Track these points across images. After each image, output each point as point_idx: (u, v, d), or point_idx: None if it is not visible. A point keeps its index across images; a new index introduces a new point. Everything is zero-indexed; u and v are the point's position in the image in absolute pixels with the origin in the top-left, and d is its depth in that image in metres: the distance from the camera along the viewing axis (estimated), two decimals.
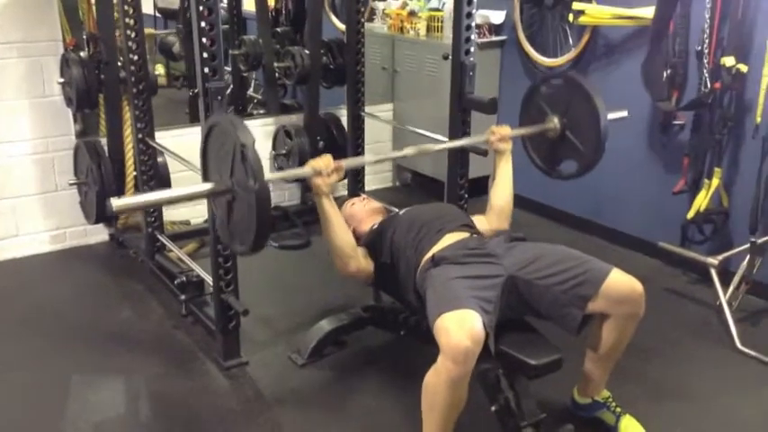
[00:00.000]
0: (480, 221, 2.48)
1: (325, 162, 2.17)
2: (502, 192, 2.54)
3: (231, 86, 4.69)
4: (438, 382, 1.85)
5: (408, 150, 2.50)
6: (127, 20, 2.97)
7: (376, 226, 2.46)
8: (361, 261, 2.32)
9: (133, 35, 2.99)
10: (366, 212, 2.59)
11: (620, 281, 2.03)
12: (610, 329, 2.11)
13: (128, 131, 3.29)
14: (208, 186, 2.00)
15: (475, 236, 2.29)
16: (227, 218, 2.02)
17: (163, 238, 3.20)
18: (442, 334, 1.83)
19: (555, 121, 2.60)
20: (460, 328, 1.81)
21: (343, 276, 2.34)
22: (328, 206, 2.20)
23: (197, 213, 3.69)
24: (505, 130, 2.53)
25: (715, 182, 3.10)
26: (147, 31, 3.45)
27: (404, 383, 2.47)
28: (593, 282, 2.01)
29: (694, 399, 2.48)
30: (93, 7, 3.26)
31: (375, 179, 4.46)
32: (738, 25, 2.95)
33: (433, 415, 1.92)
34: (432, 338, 2.10)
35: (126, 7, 2.96)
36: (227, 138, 1.91)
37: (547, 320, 2.10)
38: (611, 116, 2.57)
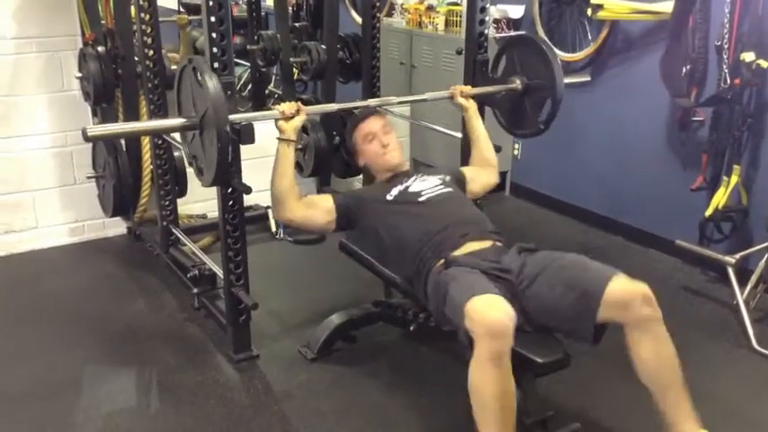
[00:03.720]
0: (473, 172, 2.66)
1: (288, 105, 2.35)
2: (481, 148, 2.71)
3: (251, 83, 4.72)
4: (482, 371, 1.79)
5: (372, 101, 2.84)
6: (142, 14, 2.99)
7: (378, 187, 2.52)
8: (300, 210, 2.38)
9: (149, 30, 3.02)
10: (383, 161, 2.54)
11: (618, 288, 1.95)
12: (635, 341, 1.97)
13: None
14: (178, 121, 2.25)
15: (497, 244, 2.26)
16: (197, 151, 2.26)
17: (177, 232, 3.22)
18: (475, 314, 1.81)
19: (517, 82, 2.73)
20: (493, 306, 1.83)
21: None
22: (284, 151, 2.36)
23: (214, 207, 3.70)
24: (466, 88, 2.74)
25: (734, 179, 3.05)
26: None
27: (412, 379, 2.48)
28: (595, 292, 1.95)
29: (710, 399, 2.42)
30: (111, 2, 3.29)
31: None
32: (759, 20, 2.90)
33: (486, 415, 1.82)
34: (440, 334, 2.10)
35: (142, 2, 2.99)
36: (198, 78, 2.13)
37: (561, 335, 2.06)
38: (569, 80, 2.79)
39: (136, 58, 3.19)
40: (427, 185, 2.43)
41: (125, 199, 3.34)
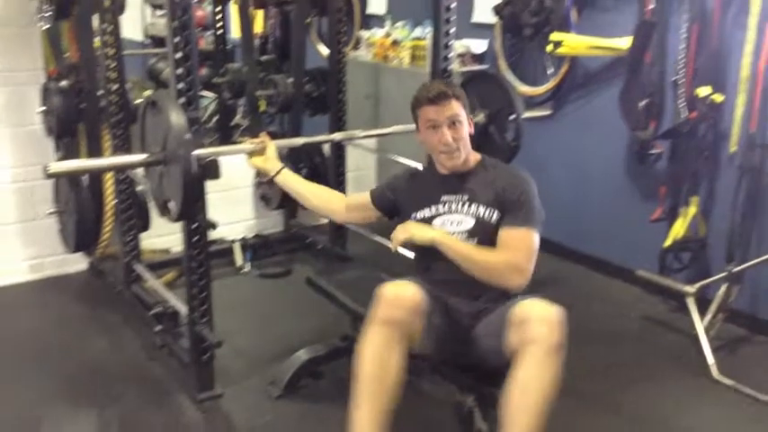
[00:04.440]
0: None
1: (251, 142, 2.39)
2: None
3: (217, 115, 4.72)
4: (366, 334, 1.92)
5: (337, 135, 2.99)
6: (107, 49, 2.98)
7: (417, 188, 2.30)
8: (344, 216, 2.45)
9: (113, 64, 3.01)
10: (439, 158, 2.22)
11: (523, 306, 1.88)
12: (517, 361, 1.82)
13: None
14: (142, 156, 2.23)
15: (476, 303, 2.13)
16: (160, 187, 2.26)
17: (139, 268, 3.18)
18: (381, 291, 1.94)
19: (481, 116, 2.81)
20: (400, 285, 1.96)
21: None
22: (283, 183, 2.37)
23: (177, 242, 3.66)
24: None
25: (692, 210, 3.12)
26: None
27: None
28: (506, 315, 1.93)
29: (668, 428, 2.47)
30: (75, 36, 3.28)
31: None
32: (713, 56, 2.99)
33: (359, 382, 1.93)
34: (414, 370, 2.11)
35: (106, 36, 2.98)
36: (162, 113, 2.14)
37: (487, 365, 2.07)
38: (531, 113, 2.88)
39: (100, 92, 3.17)
40: (450, 229, 2.15)
41: (87, 234, 3.29)
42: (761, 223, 2.99)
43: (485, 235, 2.10)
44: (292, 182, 2.46)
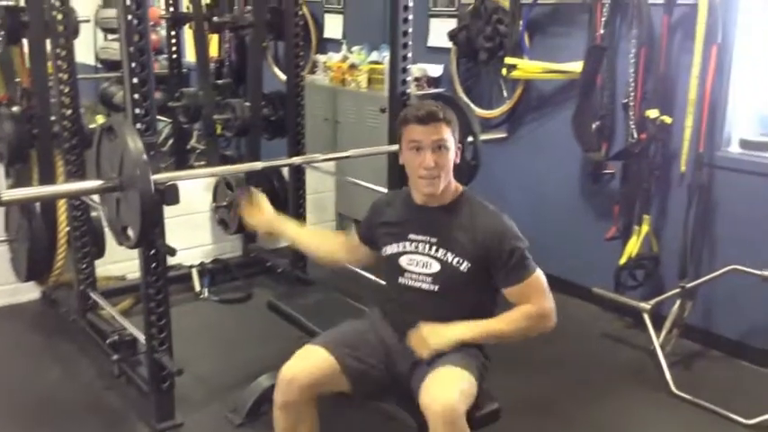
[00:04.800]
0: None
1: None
2: None
3: (172, 138, 4.67)
4: (274, 413, 2.01)
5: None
6: (60, 74, 2.94)
7: (391, 219, 2.16)
8: (347, 259, 2.36)
9: (67, 89, 2.96)
10: (417, 183, 2.05)
11: (430, 389, 1.85)
12: None
13: None
14: (98, 183, 2.22)
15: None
16: (117, 213, 2.24)
17: (95, 296, 3.11)
18: (288, 361, 2.01)
19: None
20: (299, 357, 2.00)
21: None
22: (284, 236, 2.31)
23: (133, 268, 3.60)
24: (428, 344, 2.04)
25: (645, 228, 3.20)
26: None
27: None
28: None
29: None
30: (27, 61, 3.22)
31: (318, 228, 4.44)
32: (661, 79, 3.10)
33: None
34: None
35: (59, 62, 2.93)
36: (118, 139, 2.13)
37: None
38: (486, 136, 2.92)
39: (52, 118, 3.11)
40: (415, 270, 2.05)
41: (39, 262, 3.21)
42: (711, 240, 3.08)
43: (450, 282, 2.01)
44: (294, 238, 2.33)
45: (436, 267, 2.02)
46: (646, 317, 3.04)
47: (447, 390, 1.83)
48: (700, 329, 3.14)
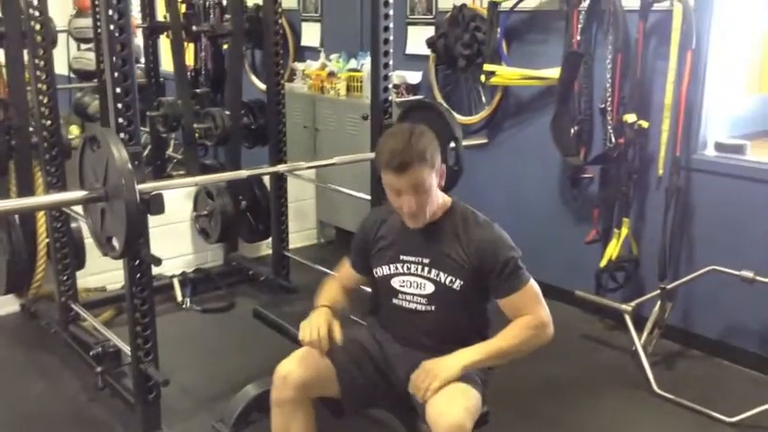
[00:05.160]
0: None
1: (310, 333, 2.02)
2: None
3: (149, 147, 4.63)
4: (271, 411, 2.02)
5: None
6: (39, 85, 2.91)
7: (381, 243, 2.12)
8: (365, 281, 2.25)
9: (46, 99, 2.93)
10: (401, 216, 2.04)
11: (437, 407, 1.83)
12: None
13: None
14: (82, 193, 2.21)
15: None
16: (101, 223, 2.24)
17: (77, 307, 3.08)
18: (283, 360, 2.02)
19: None
20: (294, 357, 2.00)
21: None
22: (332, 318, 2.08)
23: (114, 279, 3.58)
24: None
25: (624, 231, 3.25)
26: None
27: None
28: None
29: None
30: (5, 71, 3.18)
31: (299, 237, 4.44)
32: (638, 84, 3.15)
33: None
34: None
35: (38, 72, 2.90)
36: (102, 149, 2.13)
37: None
38: (468, 142, 2.97)
39: (31, 129, 3.08)
40: (409, 291, 2.05)
41: (19, 275, 3.17)
42: (689, 241, 3.14)
43: (445, 301, 2.01)
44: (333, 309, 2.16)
45: (430, 288, 2.02)
46: (627, 318, 3.09)
47: (454, 406, 1.81)
48: (680, 330, 3.20)
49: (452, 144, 2.85)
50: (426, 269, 2.02)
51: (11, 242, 3.06)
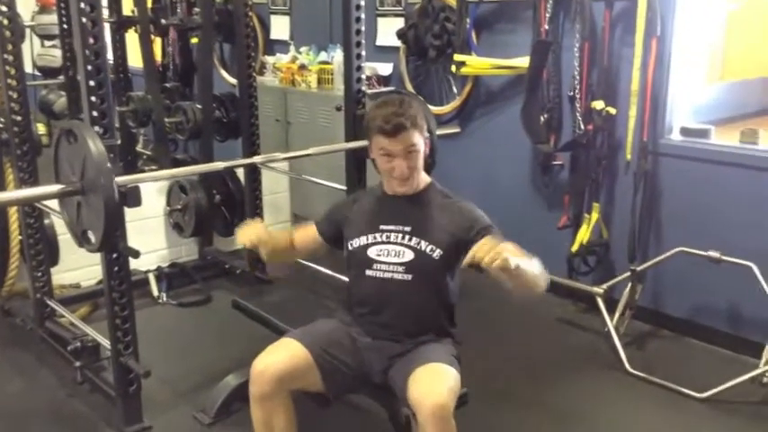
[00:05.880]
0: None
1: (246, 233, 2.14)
2: None
3: (119, 143, 4.59)
4: (251, 406, 2.03)
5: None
6: (8, 80, 2.87)
7: (360, 213, 2.20)
8: (299, 254, 2.37)
9: (15, 95, 2.89)
10: (388, 182, 2.14)
11: (419, 385, 1.88)
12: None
13: None
14: (58, 187, 2.19)
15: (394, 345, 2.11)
16: (77, 217, 2.21)
17: (53, 303, 3.05)
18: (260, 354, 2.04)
19: None
20: (271, 350, 2.03)
21: None
22: (276, 239, 2.22)
23: (88, 275, 3.55)
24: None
25: (594, 216, 3.32)
26: None
27: None
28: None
29: (589, 422, 2.62)
30: None
31: (274, 230, 4.44)
32: (605, 72, 3.22)
33: None
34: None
35: (7, 67, 2.87)
36: (79, 143, 2.11)
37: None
38: (441, 131, 3.02)
39: (0, 125, 3.04)
40: (386, 260, 2.08)
41: None
42: (658, 224, 3.22)
43: (423, 270, 2.06)
44: (273, 254, 2.23)
45: (409, 256, 2.06)
46: (599, 301, 3.16)
47: (436, 386, 1.86)
48: (651, 310, 3.28)
49: (427, 135, 2.88)
50: (408, 237, 2.08)
51: None
